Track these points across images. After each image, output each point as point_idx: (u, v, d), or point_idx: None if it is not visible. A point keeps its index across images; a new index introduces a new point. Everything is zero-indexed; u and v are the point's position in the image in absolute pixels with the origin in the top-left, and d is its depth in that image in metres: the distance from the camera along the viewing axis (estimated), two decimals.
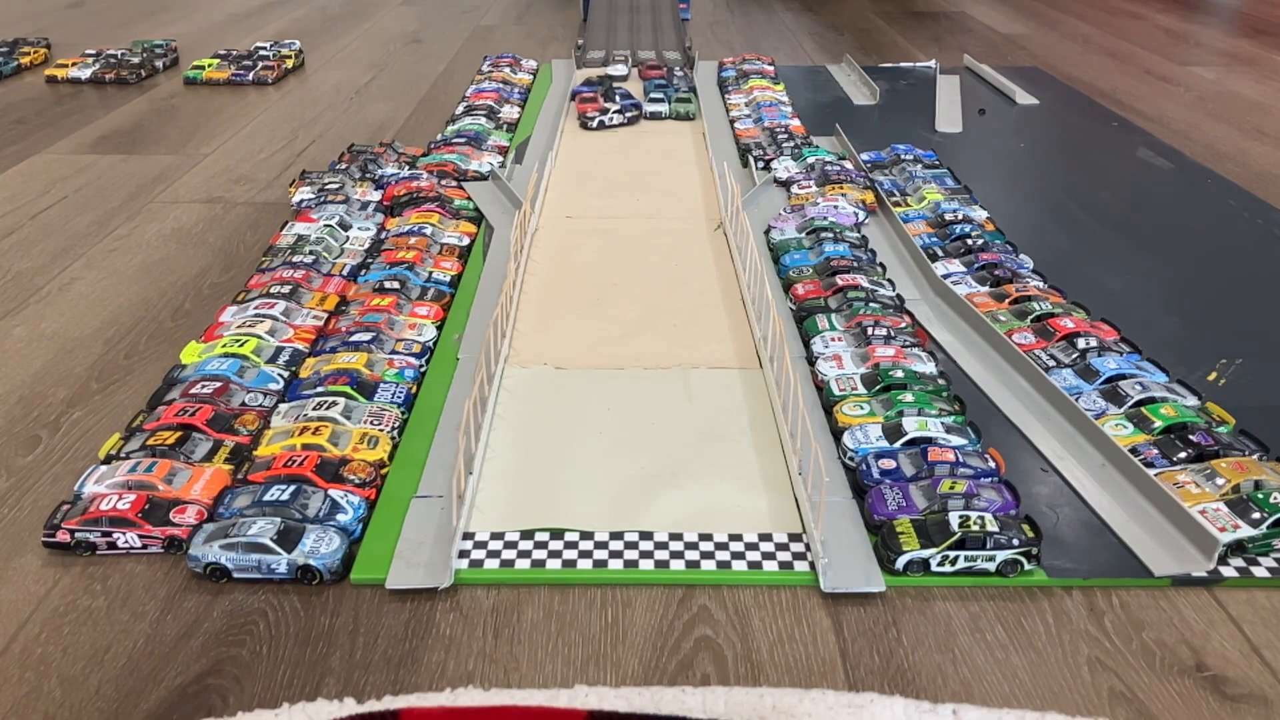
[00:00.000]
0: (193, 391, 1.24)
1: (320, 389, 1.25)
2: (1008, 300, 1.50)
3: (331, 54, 3.24)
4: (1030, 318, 1.44)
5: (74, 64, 2.90)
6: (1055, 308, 1.46)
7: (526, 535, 1.06)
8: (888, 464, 1.13)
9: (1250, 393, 1.33)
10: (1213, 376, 1.37)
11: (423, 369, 1.35)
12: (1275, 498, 1.04)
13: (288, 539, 1.00)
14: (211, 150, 2.30)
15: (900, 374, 1.28)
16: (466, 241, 1.74)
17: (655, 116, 2.42)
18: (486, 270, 1.66)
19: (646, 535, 1.06)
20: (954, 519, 1.01)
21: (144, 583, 1.00)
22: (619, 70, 2.87)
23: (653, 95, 2.51)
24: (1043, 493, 1.13)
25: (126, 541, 1.03)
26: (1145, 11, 4.06)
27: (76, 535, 1.03)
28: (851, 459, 1.16)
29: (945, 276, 1.58)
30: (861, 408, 1.23)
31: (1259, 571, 1.02)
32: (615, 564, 1.02)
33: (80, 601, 0.98)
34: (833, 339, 1.40)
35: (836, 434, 1.22)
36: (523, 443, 1.22)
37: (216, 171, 2.16)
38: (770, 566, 1.02)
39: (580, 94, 2.54)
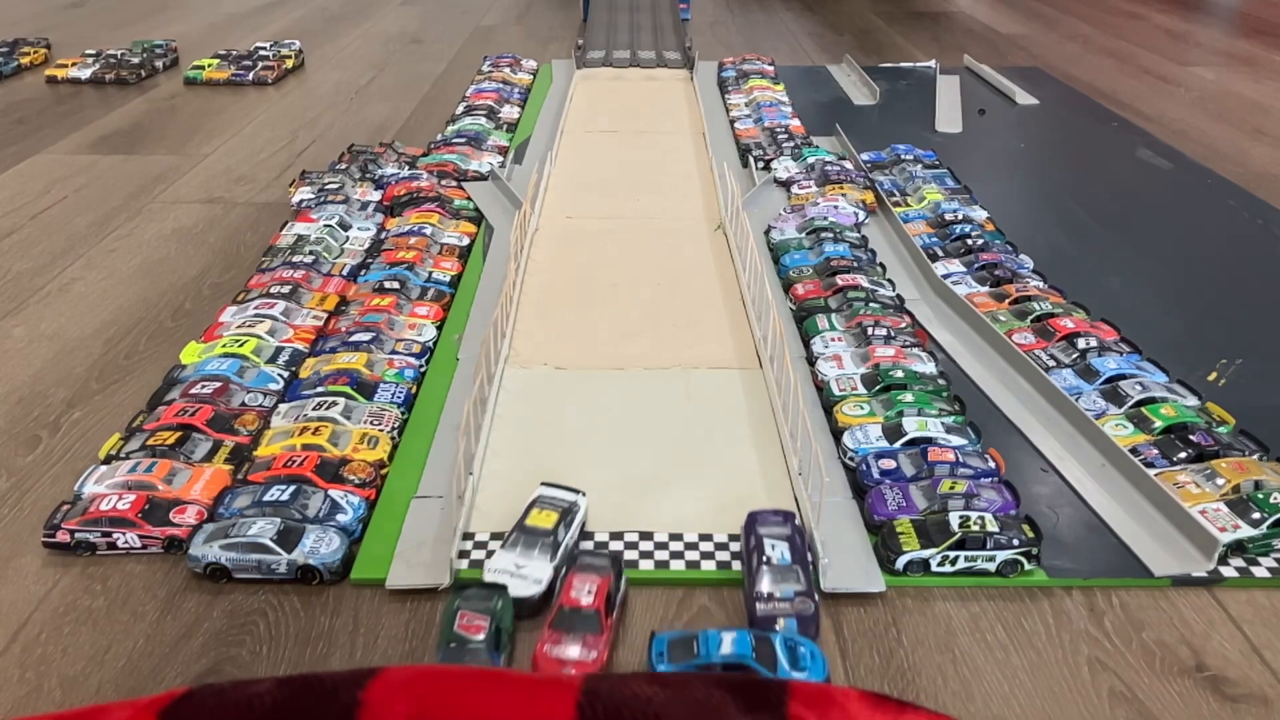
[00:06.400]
0: (193, 391, 1.24)
1: (320, 389, 1.25)
2: (1008, 300, 1.50)
3: (331, 54, 3.24)
4: (1030, 318, 1.44)
5: (74, 64, 2.90)
6: (1055, 308, 1.46)
7: None
8: (888, 464, 1.13)
9: (1250, 393, 1.33)
10: (1213, 376, 1.37)
11: (423, 369, 1.35)
12: (1275, 498, 1.04)
13: (288, 539, 1.00)
14: (211, 150, 2.29)
15: (900, 374, 1.28)
16: (466, 241, 1.74)
17: None
18: (486, 270, 1.66)
19: (646, 535, 1.06)
20: (954, 519, 1.01)
21: (144, 583, 1.00)
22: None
23: None
24: (1043, 493, 1.13)
25: (126, 541, 1.03)
26: (1145, 11, 4.06)
27: (76, 535, 1.03)
28: (851, 459, 1.16)
29: (945, 276, 1.58)
30: (861, 408, 1.23)
31: (1259, 571, 1.02)
32: None
33: (80, 601, 0.98)
34: (833, 339, 1.40)
35: (836, 434, 1.22)
36: (523, 443, 1.21)
37: (216, 171, 2.16)
38: None
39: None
